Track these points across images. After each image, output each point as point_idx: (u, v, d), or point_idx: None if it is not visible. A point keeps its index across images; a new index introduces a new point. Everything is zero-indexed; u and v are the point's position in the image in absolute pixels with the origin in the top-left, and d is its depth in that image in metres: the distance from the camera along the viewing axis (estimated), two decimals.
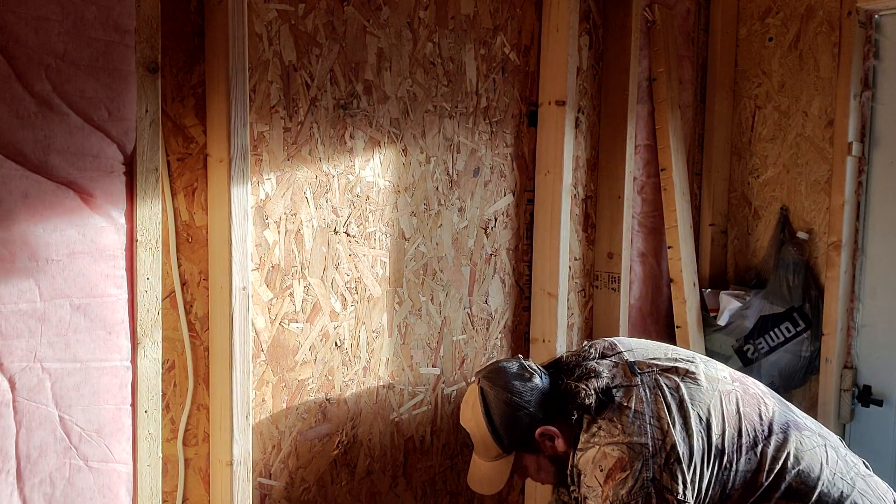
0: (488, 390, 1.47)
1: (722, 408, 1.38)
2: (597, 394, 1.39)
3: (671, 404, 1.37)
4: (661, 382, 1.40)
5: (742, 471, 1.34)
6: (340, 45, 1.55)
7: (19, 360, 1.14)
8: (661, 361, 1.46)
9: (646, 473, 1.30)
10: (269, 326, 1.48)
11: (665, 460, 1.31)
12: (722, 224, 2.65)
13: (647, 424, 1.35)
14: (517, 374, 1.47)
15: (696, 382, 1.42)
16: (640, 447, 1.32)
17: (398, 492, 1.77)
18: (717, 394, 1.41)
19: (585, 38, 2.14)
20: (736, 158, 2.65)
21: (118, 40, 1.20)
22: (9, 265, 1.11)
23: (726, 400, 1.40)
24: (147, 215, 1.24)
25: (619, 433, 1.34)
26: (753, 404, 1.41)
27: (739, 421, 1.38)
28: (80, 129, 1.17)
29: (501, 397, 1.44)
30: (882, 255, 2.37)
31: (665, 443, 1.32)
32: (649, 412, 1.36)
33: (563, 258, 1.96)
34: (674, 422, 1.35)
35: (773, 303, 2.42)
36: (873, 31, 2.36)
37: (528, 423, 1.43)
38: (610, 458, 1.32)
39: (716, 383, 1.42)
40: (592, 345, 1.53)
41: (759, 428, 1.38)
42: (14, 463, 1.14)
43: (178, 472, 1.37)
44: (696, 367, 1.45)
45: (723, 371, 1.47)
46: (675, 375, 1.43)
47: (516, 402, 1.44)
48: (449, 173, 1.80)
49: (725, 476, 1.34)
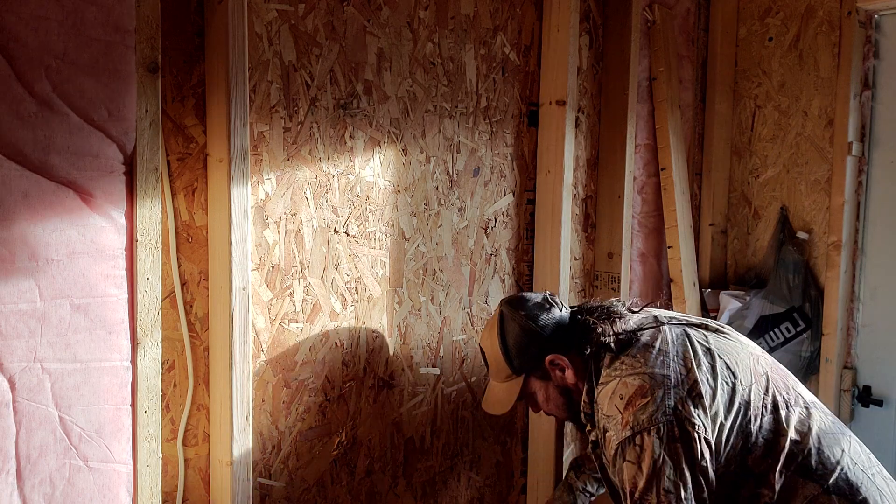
0: (507, 313, 1.53)
1: (751, 365, 1.38)
2: (617, 334, 1.40)
3: (697, 349, 1.36)
4: (690, 332, 1.41)
5: (766, 429, 1.31)
6: (340, 45, 1.55)
7: (19, 360, 1.14)
8: (691, 319, 1.49)
9: (668, 401, 1.28)
10: (269, 326, 1.48)
11: (687, 393, 1.29)
12: (722, 224, 2.65)
13: (671, 360, 1.34)
14: (537, 304, 1.53)
15: (726, 337, 1.43)
16: (663, 377, 1.30)
17: (398, 492, 1.77)
18: (746, 352, 1.41)
19: (585, 38, 2.14)
20: (736, 158, 2.65)
21: (118, 40, 1.20)
22: (9, 265, 1.11)
23: (755, 361, 1.39)
24: (147, 215, 1.24)
25: (642, 365, 1.33)
26: (782, 374, 1.41)
27: (767, 382, 1.36)
28: (80, 129, 1.17)
29: (517, 320, 1.50)
30: (882, 255, 2.37)
31: (688, 377, 1.31)
32: (674, 352, 1.35)
33: (563, 258, 1.96)
34: (699, 363, 1.33)
35: (773, 303, 2.42)
36: (873, 31, 2.36)
37: (539, 348, 1.48)
38: (630, 387, 1.31)
39: (747, 346, 1.44)
40: (619, 299, 1.56)
41: (786, 395, 1.36)
42: (14, 463, 1.14)
43: (178, 472, 1.37)
44: (727, 328, 1.47)
45: (754, 345, 1.49)
46: (704, 330, 1.44)
47: (530, 326, 1.48)
48: (449, 173, 1.80)
49: (748, 429, 1.31)
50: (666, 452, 1.25)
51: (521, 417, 2.06)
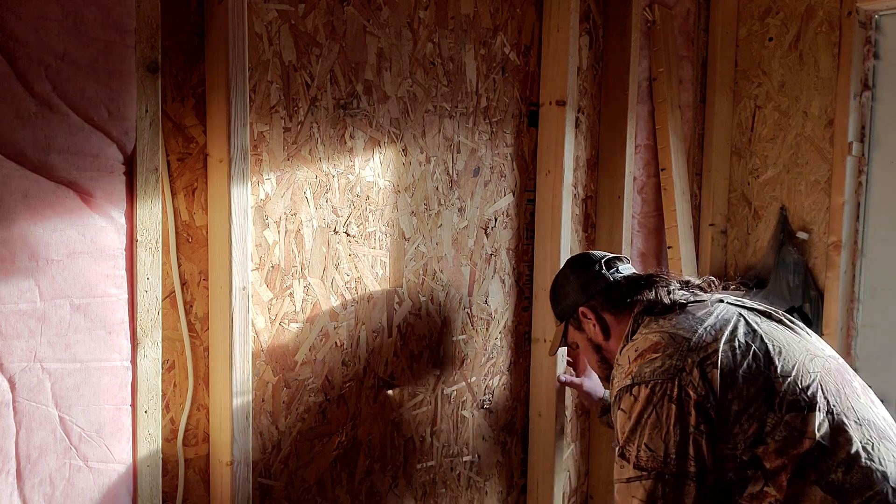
0: (564, 266, 1.68)
1: (801, 359, 1.27)
2: (662, 301, 1.41)
3: (739, 328, 1.30)
4: (743, 313, 1.35)
5: (788, 424, 1.20)
6: (340, 45, 1.55)
7: (19, 360, 1.14)
8: (758, 306, 1.41)
9: (676, 361, 1.24)
10: (269, 326, 1.48)
11: (702, 359, 1.24)
12: (722, 224, 2.65)
13: (701, 327, 1.29)
14: (591, 260, 1.61)
15: (791, 329, 1.35)
16: (683, 339, 1.28)
17: (398, 492, 1.77)
18: (803, 348, 1.30)
19: (585, 38, 2.14)
20: (736, 158, 2.65)
21: (118, 40, 1.20)
22: (9, 265, 1.11)
23: (809, 358, 1.28)
24: (147, 215, 1.24)
25: (669, 325, 1.33)
26: (840, 382, 1.28)
27: (813, 381, 1.24)
28: (80, 129, 1.17)
29: (566, 273, 1.64)
30: (882, 255, 2.38)
31: (710, 346, 1.25)
32: (711, 322, 1.31)
33: (563, 258, 1.96)
34: (733, 338, 1.27)
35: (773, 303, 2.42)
36: (873, 31, 2.36)
37: (576, 299, 1.58)
38: (647, 342, 1.31)
39: (809, 343, 1.33)
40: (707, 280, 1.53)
41: (833, 401, 1.23)
42: (14, 463, 1.14)
43: (178, 472, 1.37)
44: (799, 324, 1.39)
45: (824, 346, 1.38)
46: (766, 316, 1.37)
47: (571, 279, 1.61)
48: (449, 173, 1.80)
49: (765, 418, 1.21)
50: (656, 408, 1.22)
51: (521, 417, 2.07)
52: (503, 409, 2.02)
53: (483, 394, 1.96)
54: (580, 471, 2.28)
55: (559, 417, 1.98)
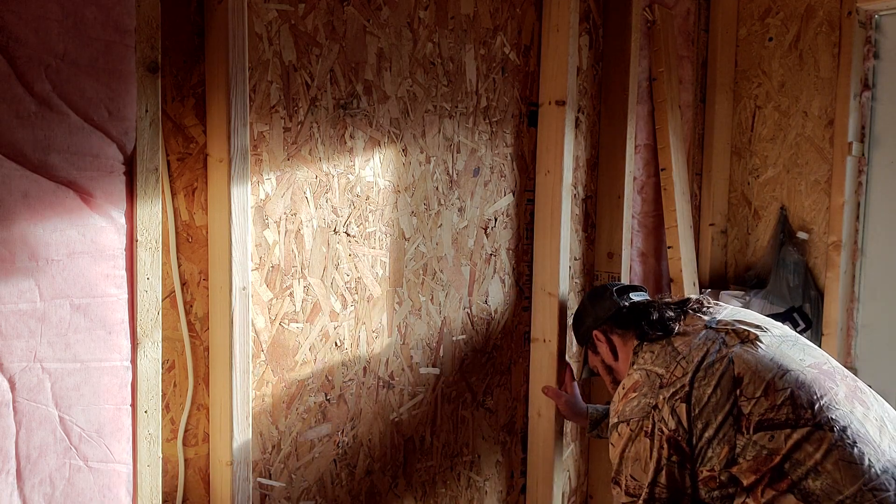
0: (585, 295, 1.84)
1: (769, 377, 1.34)
2: (656, 328, 1.52)
3: (709, 357, 1.40)
4: (725, 339, 1.44)
5: (756, 443, 1.30)
6: (340, 45, 1.55)
7: (19, 360, 1.13)
8: (740, 325, 1.47)
9: (650, 399, 1.41)
10: (269, 326, 1.48)
11: (671, 395, 1.38)
12: (722, 224, 2.65)
13: (675, 361, 1.42)
14: (605, 288, 1.74)
15: (755, 347, 1.41)
16: (657, 376, 1.43)
17: (398, 492, 1.77)
18: (775, 363, 1.37)
19: (585, 38, 2.14)
20: (736, 158, 2.65)
21: (118, 40, 1.20)
22: (9, 265, 1.11)
23: (780, 374, 1.34)
24: (147, 215, 1.24)
25: (649, 362, 1.48)
26: (817, 391, 1.32)
27: (781, 398, 1.31)
28: (80, 128, 1.17)
29: (583, 302, 1.79)
30: (882, 255, 2.38)
31: (679, 380, 1.39)
32: (685, 353, 1.43)
33: (563, 258, 1.96)
34: (698, 369, 1.38)
35: (773, 303, 2.42)
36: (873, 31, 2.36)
37: (588, 324, 1.73)
38: (631, 380, 1.48)
39: (784, 356, 1.39)
40: (699, 299, 1.62)
41: (799, 412, 1.30)
42: (14, 463, 1.14)
43: (178, 472, 1.37)
44: (770, 336, 1.44)
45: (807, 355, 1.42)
46: (739, 337, 1.44)
47: (588, 307, 1.75)
48: (449, 173, 1.80)
49: (735, 441, 1.31)
50: (635, 444, 1.40)
51: (521, 417, 2.07)
52: (503, 409, 2.02)
53: (483, 394, 1.96)
54: (580, 470, 2.28)
55: (559, 417, 1.98)
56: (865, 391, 1.40)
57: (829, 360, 1.45)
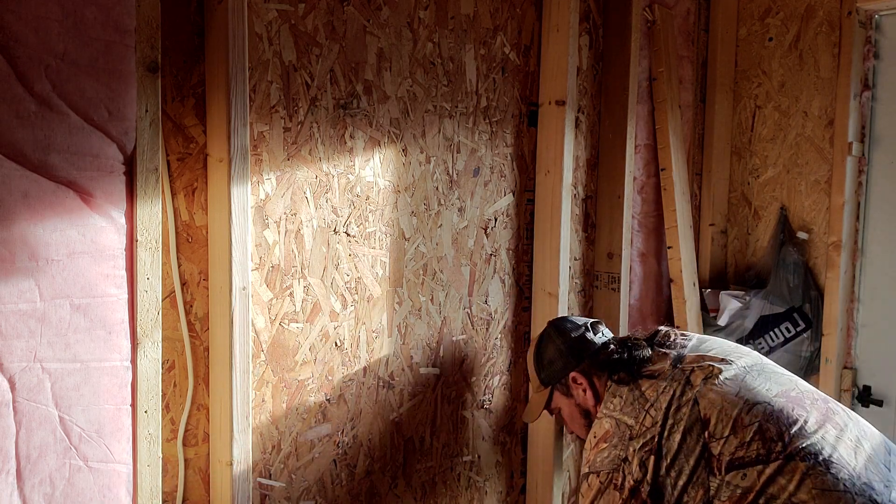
0: (548, 330, 1.68)
1: (735, 413, 1.33)
2: (624, 369, 1.48)
3: (676, 401, 1.38)
4: (689, 378, 1.42)
5: (729, 483, 1.29)
6: (340, 45, 1.55)
7: (19, 360, 1.13)
8: (705, 361, 1.45)
9: (620, 451, 1.40)
10: (269, 326, 1.48)
11: (640, 446, 1.37)
12: (722, 224, 2.65)
13: (643, 410, 1.41)
14: (576, 326, 1.65)
15: (720, 384, 1.39)
16: (626, 427, 1.41)
17: (398, 492, 1.77)
18: (741, 397, 1.35)
19: (585, 38, 2.14)
20: (736, 158, 2.65)
21: (118, 40, 1.20)
22: (9, 265, 1.11)
23: (746, 409, 1.34)
24: (147, 215, 1.24)
25: (617, 409, 1.45)
26: (787, 420, 1.32)
27: (749, 435, 1.31)
28: (80, 128, 1.17)
29: (551, 336, 1.65)
30: (882, 255, 2.38)
31: (649, 431, 1.37)
32: (653, 399, 1.41)
33: (563, 258, 1.96)
34: (667, 417, 1.37)
35: (773, 303, 2.42)
36: (873, 31, 2.36)
37: (563, 365, 1.61)
38: (601, 429, 1.45)
39: (751, 389, 1.37)
40: (667, 332, 1.59)
41: (770, 446, 1.29)
42: (14, 463, 1.14)
43: (178, 472, 1.37)
44: (735, 369, 1.42)
45: (774, 383, 1.40)
46: (704, 373, 1.42)
47: (558, 344, 1.62)
48: (449, 173, 1.80)
49: (708, 483, 1.31)
50: (604, 495, 1.40)
51: (521, 418, 2.06)
52: (503, 409, 2.02)
53: (483, 394, 1.96)
54: (580, 471, 2.28)
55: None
56: (838, 411, 1.39)
57: (796, 384, 1.43)
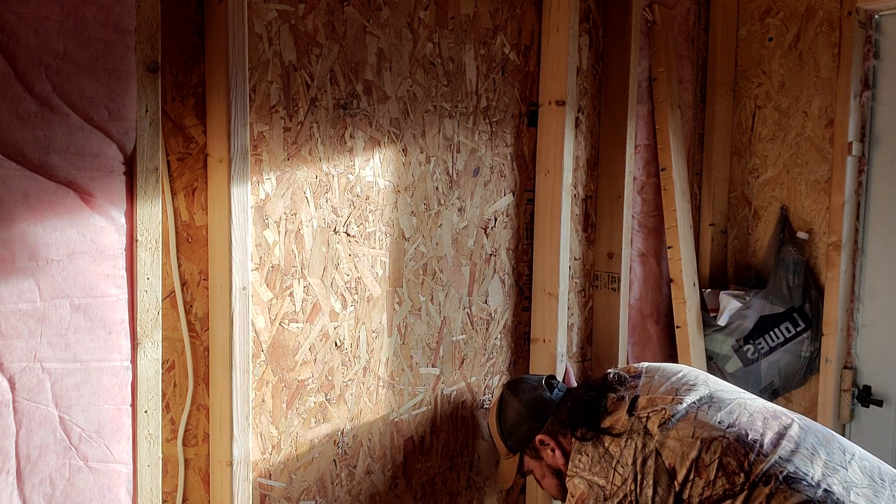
0: (504, 396, 1.70)
1: (694, 454, 1.37)
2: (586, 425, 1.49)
3: (639, 454, 1.41)
4: (647, 427, 1.44)
5: None
6: (340, 45, 1.55)
7: (19, 360, 1.14)
8: (658, 404, 1.47)
9: None
10: (269, 326, 1.48)
11: None
12: (722, 224, 2.65)
13: (611, 469, 1.43)
14: (532, 386, 1.66)
15: (676, 429, 1.42)
16: (599, 488, 1.44)
17: (398, 492, 1.77)
18: (698, 434, 1.39)
19: (585, 38, 2.14)
20: (736, 158, 2.65)
21: (118, 40, 1.20)
22: (9, 265, 1.11)
23: (705, 446, 1.38)
24: (147, 215, 1.24)
25: (586, 469, 1.47)
26: (747, 448, 1.37)
27: (713, 472, 1.35)
28: (80, 128, 1.17)
29: (510, 402, 1.66)
30: (882, 255, 2.38)
31: (621, 489, 1.41)
32: (618, 455, 1.44)
33: (563, 258, 1.96)
34: (636, 472, 1.40)
35: (773, 303, 2.42)
36: (873, 31, 2.36)
37: (529, 429, 1.62)
38: (577, 490, 1.48)
39: (701, 430, 1.40)
40: (616, 374, 1.60)
41: (733, 478, 1.34)
42: (14, 463, 1.14)
43: (178, 472, 1.37)
44: (686, 406, 1.45)
45: (725, 413, 1.44)
46: (659, 418, 1.44)
47: (519, 409, 1.64)
48: (449, 173, 1.80)
49: None
50: None
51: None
52: None
53: (483, 394, 1.96)
54: None
55: None
56: (793, 426, 1.42)
57: (745, 406, 1.45)
